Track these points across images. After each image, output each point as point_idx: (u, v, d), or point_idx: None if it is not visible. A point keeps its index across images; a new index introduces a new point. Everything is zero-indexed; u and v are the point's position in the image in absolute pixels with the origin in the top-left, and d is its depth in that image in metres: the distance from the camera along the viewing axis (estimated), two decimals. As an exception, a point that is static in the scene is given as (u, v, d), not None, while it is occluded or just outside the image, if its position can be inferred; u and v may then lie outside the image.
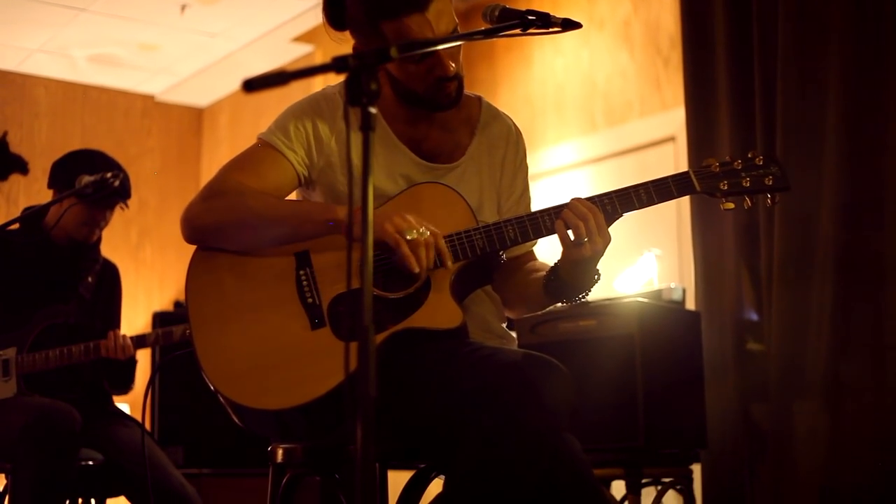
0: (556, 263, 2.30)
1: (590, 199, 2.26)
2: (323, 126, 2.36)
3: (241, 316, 2.27)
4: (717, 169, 2.30)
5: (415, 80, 2.30)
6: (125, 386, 3.93)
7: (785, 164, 2.39)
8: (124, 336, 3.75)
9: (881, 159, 3.72)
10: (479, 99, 2.53)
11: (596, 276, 2.31)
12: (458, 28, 2.29)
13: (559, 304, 2.43)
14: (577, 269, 2.26)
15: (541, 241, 2.40)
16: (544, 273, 2.36)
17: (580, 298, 2.35)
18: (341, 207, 2.24)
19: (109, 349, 3.71)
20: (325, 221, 2.23)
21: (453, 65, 2.27)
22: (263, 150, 2.36)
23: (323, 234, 2.25)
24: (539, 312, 2.55)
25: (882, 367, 3.65)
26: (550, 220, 2.27)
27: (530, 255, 2.54)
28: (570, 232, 2.23)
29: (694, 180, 2.29)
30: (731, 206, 2.30)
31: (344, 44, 2.34)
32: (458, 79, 2.32)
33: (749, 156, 2.32)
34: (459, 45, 2.29)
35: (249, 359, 2.23)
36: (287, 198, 2.40)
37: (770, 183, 2.29)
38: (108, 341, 3.71)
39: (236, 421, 2.26)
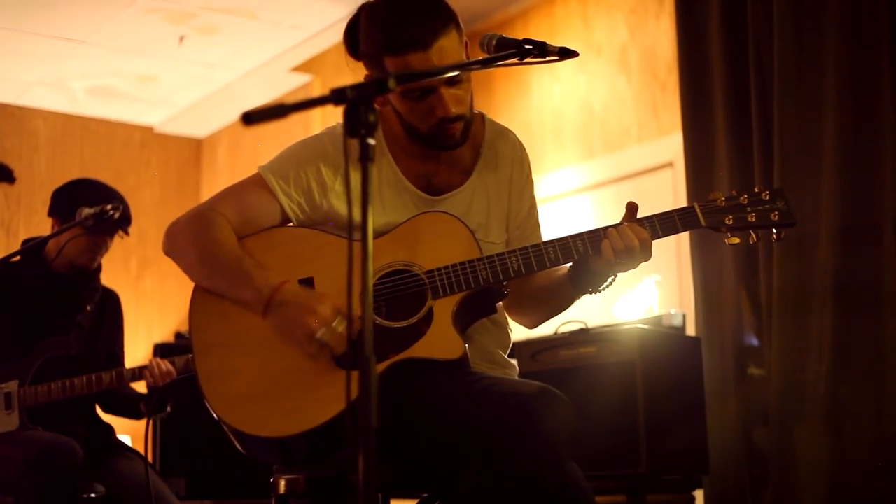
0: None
1: (592, 231, 2.26)
2: (327, 170, 2.36)
3: (244, 343, 2.27)
4: (723, 203, 2.29)
5: (416, 118, 2.29)
6: (163, 410, 3.92)
7: (783, 188, 2.38)
8: (164, 361, 3.76)
9: (879, 183, 3.72)
10: (483, 116, 2.52)
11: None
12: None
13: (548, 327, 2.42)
14: (610, 269, 2.28)
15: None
16: (566, 272, 2.36)
17: (605, 287, 2.35)
18: (277, 280, 2.24)
19: (155, 376, 3.71)
20: (258, 290, 2.23)
21: (456, 107, 2.26)
22: (257, 187, 2.37)
23: (252, 303, 2.25)
24: (556, 316, 2.53)
25: (882, 391, 3.64)
26: (555, 253, 2.27)
27: None
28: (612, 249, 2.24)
29: (699, 215, 2.28)
30: (737, 240, 2.29)
31: (350, 72, 2.35)
32: (463, 120, 2.31)
33: (756, 190, 2.31)
34: (469, 88, 2.30)
35: (251, 386, 2.23)
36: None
37: (776, 218, 2.27)
38: (151, 368, 3.73)
39: (238, 447, 2.26)
